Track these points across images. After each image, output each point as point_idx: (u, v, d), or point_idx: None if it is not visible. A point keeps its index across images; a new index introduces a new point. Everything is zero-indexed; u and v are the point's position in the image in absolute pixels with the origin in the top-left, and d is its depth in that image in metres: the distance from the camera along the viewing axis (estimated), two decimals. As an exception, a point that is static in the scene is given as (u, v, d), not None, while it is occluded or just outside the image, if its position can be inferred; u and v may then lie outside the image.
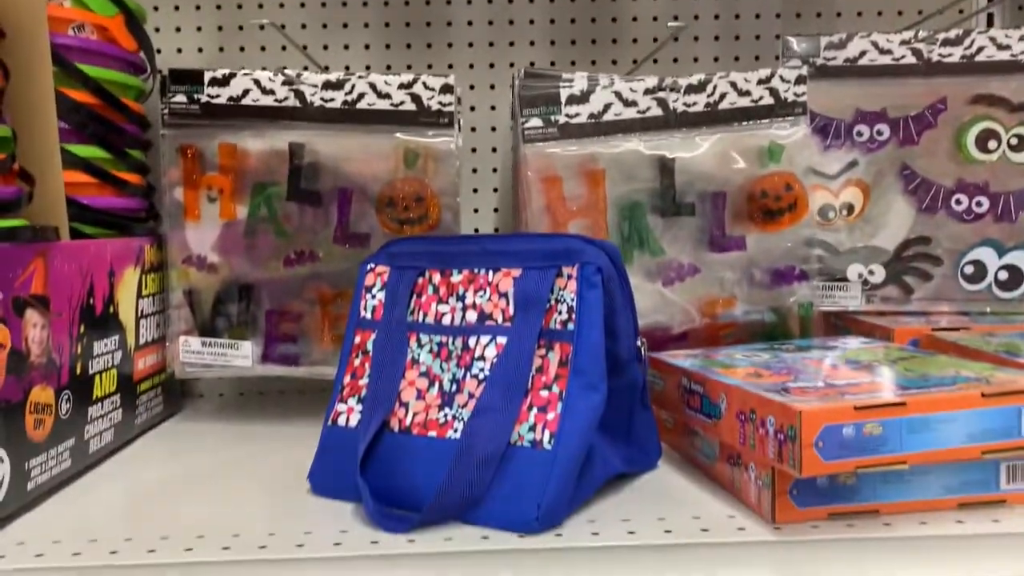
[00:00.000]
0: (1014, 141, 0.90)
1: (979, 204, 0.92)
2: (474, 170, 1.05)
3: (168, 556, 0.56)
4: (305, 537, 0.59)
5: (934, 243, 0.92)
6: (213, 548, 0.57)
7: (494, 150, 1.05)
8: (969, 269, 0.92)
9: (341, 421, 0.68)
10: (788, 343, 0.80)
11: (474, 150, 1.05)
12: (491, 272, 0.67)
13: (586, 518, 0.61)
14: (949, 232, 0.92)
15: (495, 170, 1.05)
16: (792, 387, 0.60)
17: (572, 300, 0.63)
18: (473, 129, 1.04)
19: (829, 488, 0.59)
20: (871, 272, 0.93)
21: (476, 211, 1.05)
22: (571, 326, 0.62)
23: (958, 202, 0.92)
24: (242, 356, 0.87)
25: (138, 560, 0.56)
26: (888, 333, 0.84)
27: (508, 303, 0.65)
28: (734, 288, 0.86)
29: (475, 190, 1.05)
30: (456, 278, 0.69)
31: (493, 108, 1.05)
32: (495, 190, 1.05)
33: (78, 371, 0.72)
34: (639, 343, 0.67)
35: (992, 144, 0.91)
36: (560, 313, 0.63)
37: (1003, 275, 0.92)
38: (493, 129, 1.05)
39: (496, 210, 1.05)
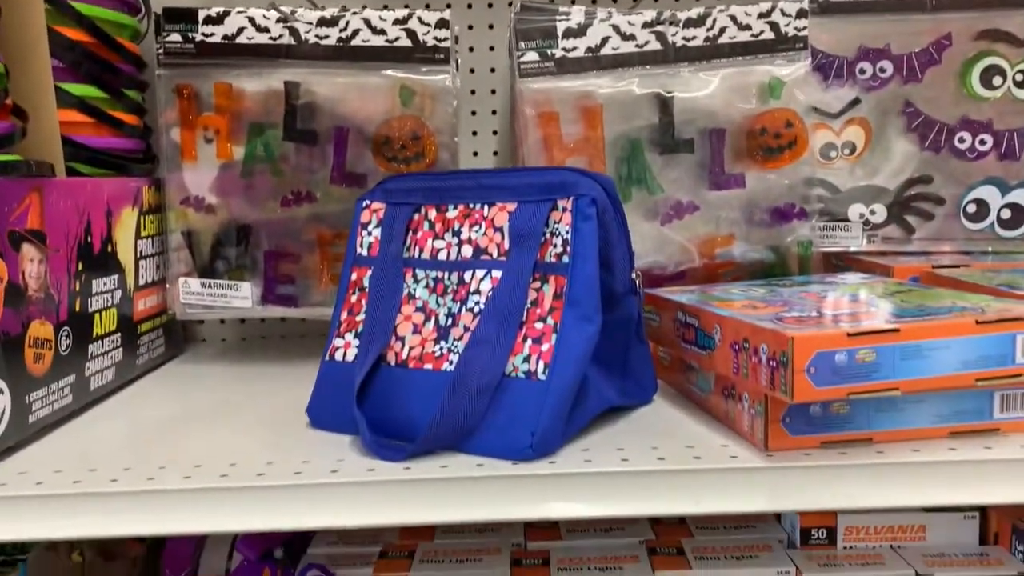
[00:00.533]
0: (1019, 77, 0.89)
1: (983, 142, 0.90)
2: (473, 112, 1.04)
3: (166, 483, 0.57)
4: (303, 465, 0.59)
5: (936, 182, 0.92)
6: (211, 476, 0.58)
7: (493, 92, 1.04)
8: (971, 208, 0.91)
9: (338, 356, 0.69)
10: (786, 279, 0.79)
11: (473, 92, 1.04)
12: (486, 207, 0.67)
13: (580, 447, 0.61)
14: (952, 171, 0.91)
15: (494, 112, 1.04)
16: (786, 316, 0.60)
17: (567, 233, 0.63)
18: (472, 71, 1.03)
19: (822, 416, 0.59)
20: (872, 212, 0.92)
21: (475, 154, 1.05)
22: (566, 259, 0.62)
23: (961, 140, 0.91)
24: (242, 297, 0.87)
25: (137, 487, 0.57)
26: (888, 271, 0.83)
27: (503, 237, 0.65)
28: (733, 227, 0.85)
29: (474, 132, 1.04)
30: (452, 213, 0.68)
31: (492, 49, 1.03)
32: (494, 132, 1.04)
33: (77, 308, 0.72)
34: (634, 276, 0.67)
35: (997, 80, 0.89)
36: (555, 246, 0.63)
37: (1006, 214, 0.91)
38: (492, 70, 1.04)
39: (496, 153, 1.05)
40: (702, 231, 0.84)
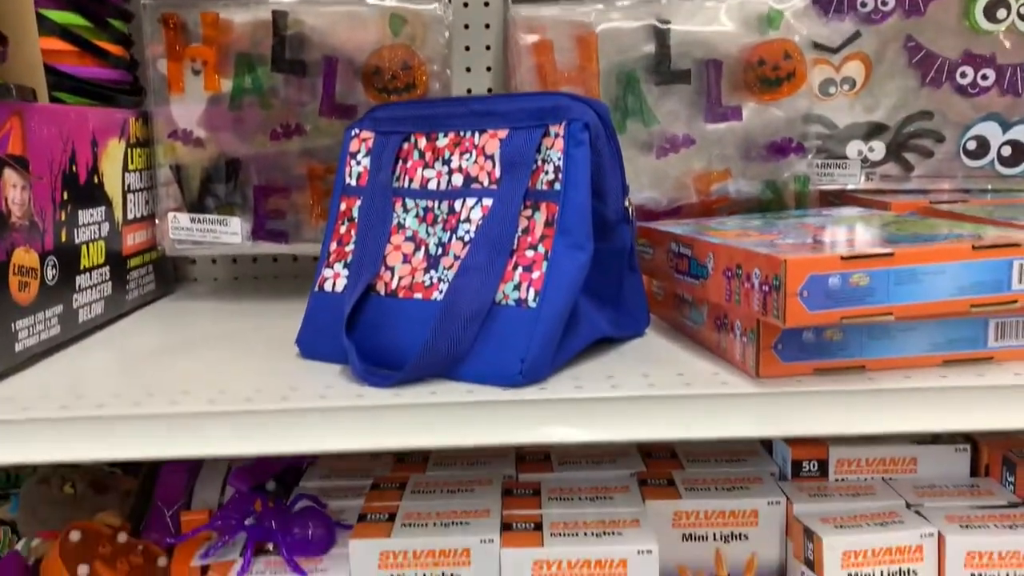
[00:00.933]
0: (1024, 10, 0.87)
1: (985, 77, 0.89)
2: (467, 48, 1.02)
3: (154, 408, 0.57)
4: (291, 392, 0.59)
5: (937, 119, 0.90)
6: (199, 401, 0.58)
7: (487, 26, 1.02)
8: (971, 145, 0.90)
9: (328, 286, 0.68)
10: (782, 213, 0.78)
11: (467, 27, 1.02)
12: (477, 134, 0.66)
13: (570, 375, 0.61)
14: (952, 106, 0.90)
15: (488, 48, 1.02)
16: (780, 243, 0.59)
17: (559, 159, 0.61)
18: (465, 4, 1.01)
19: (814, 343, 0.58)
20: (871, 149, 0.91)
21: (469, 91, 1.03)
22: (558, 186, 0.61)
23: (963, 75, 0.89)
24: (231, 232, 0.87)
25: (124, 412, 0.56)
26: (885, 207, 0.82)
27: (494, 165, 0.64)
28: (729, 162, 0.84)
29: (468, 69, 1.02)
30: (442, 142, 0.67)
31: (486, -18, 1.01)
32: (488, 69, 1.02)
33: (63, 238, 0.71)
34: (627, 204, 0.66)
35: (1001, 13, 0.87)
36: (547, 173, 0.62)
37: (1006, 151, 0.90)
38: (486, 4, 1.01)
39: (490, 90, 1.03)
40: (698, 166, 0.83)
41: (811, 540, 0.65)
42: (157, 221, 0.88)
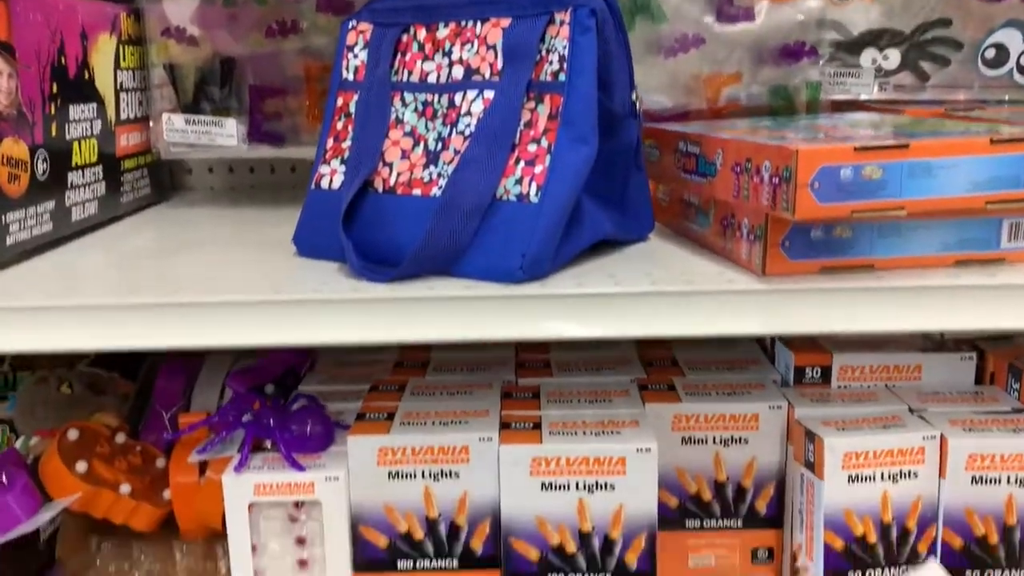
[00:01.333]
0: (1054, -94, 0.83)
1: (1008, -20, 0.85)
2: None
3: (147, 298, 0.55)
4: (286, 285, 0.58)
5: (955, 25, 0.87)
6: (193, 293, 0.56)
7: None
8: (990, 53, 0.87)
9: (324, 183, 0.66)
10: (794, 116, 0.76)
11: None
12: (479, 24, 0.63)
13: (571, 274, 0.60)
14: (972, 13, 0.86)
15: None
16: (791, 137, 0.57)
17: (564, 48, 0.59)
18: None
19: (823, 241, 0.57)
20: (885, 57, 0.88)
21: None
22: (562, 76, 0.59)
23: (985, -23, 0.86)
24: (227, 135, 0.84)
25: (117, 301, 0.55)
26: (899, 114, 0.80)
27: (496, 56, 0.62)
28: (740, 65, 0.81)
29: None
30: (442, 33, 0.65)
31: None
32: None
33: (53, 132, 0.69)
34: (634, 98, 0.63)
35: (1027, -89, 0.84)
36: (551, 63, 0.60)
37: (1026, 60, 0.87)
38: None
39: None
40: (707, 68, 0.81)
41: (812, 442, 0.65)
42: (151, 123, 0.86)
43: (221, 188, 1.05)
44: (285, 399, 0.75)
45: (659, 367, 0.79)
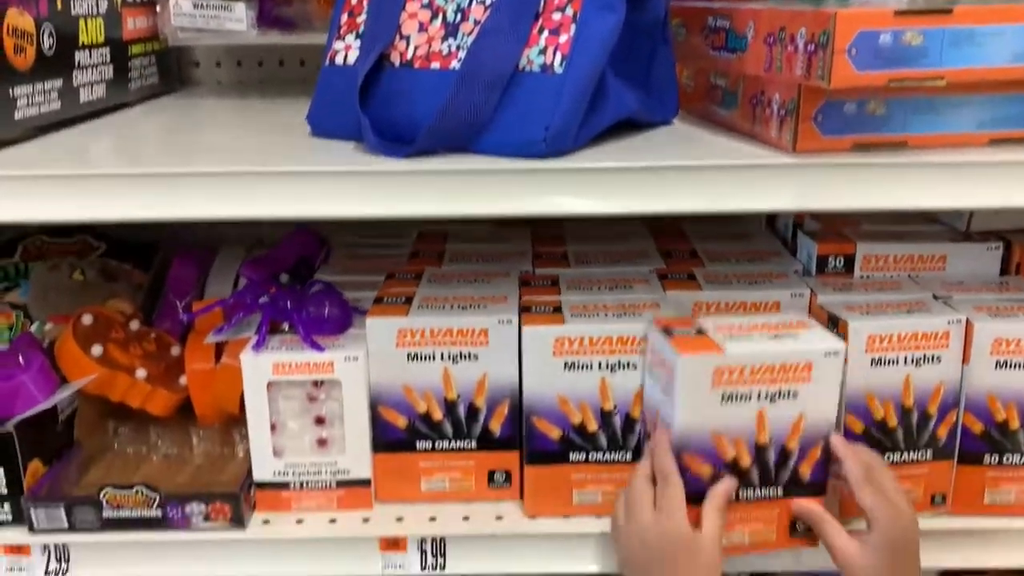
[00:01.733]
0: None
1: None
2: None
3: (153, 168, 0.54)
4: (301, 160, 0.57)
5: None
6: (208, 164, 0.55)
7: None
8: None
9: (339, 60, 0.64)
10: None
11: None
12: None
13: (593, 152, 0.58)
14: None
15: None
16: (828, 6, 0.55)
17: (590, -90, 0.56)
18: None
19: (856, 116, 0.55)
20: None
21: None
22: (588, -60, 0.56)
23: None
24: (236, 19, 0.82)
25: (123, 171, 0.54)
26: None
27: (519, -80, 0.59)
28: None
29: None
30: None
31: None
32: None
33: (59, 6, 0.67)
34: (662, -35, 0.61)
35: None
36: (577, -73, 0.57)
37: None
38: None
39: None
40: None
41: (836, 326, 0.64)
42: (159, 8, 0.83)
43: (229, 81, 1.02)
44: (300, 287, 0.75)
45: (679, 257, 0.78)
